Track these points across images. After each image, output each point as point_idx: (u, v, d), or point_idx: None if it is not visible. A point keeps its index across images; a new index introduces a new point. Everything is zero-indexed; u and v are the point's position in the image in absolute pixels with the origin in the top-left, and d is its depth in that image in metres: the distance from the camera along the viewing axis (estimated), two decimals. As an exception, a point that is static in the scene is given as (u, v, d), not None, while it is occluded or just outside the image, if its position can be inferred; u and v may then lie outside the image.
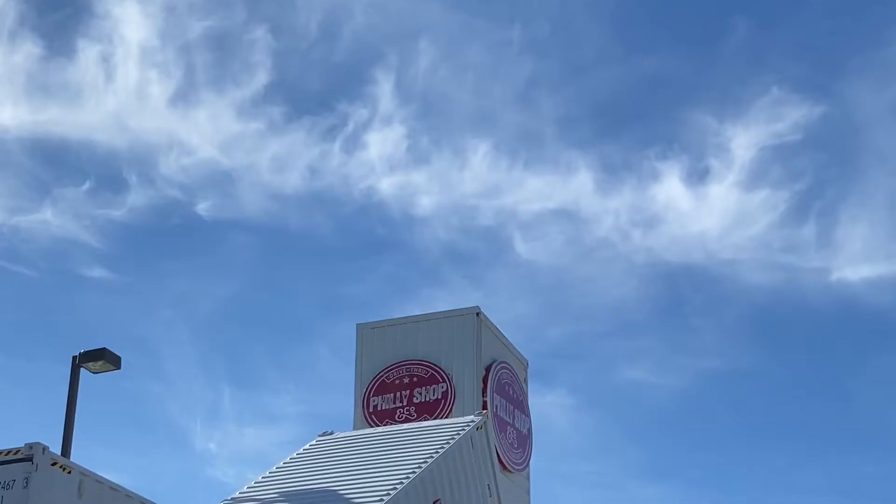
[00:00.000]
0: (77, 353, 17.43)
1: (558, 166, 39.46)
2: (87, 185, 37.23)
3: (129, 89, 35.83)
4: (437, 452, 15.62)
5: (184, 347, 40.14)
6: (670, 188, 37.88)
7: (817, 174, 38.95)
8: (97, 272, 39.01)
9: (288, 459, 17.16)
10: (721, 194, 38.05)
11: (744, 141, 37.30)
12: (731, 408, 40.78)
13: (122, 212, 37.13)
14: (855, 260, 38.19)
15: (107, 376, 17.60)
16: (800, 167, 38.84)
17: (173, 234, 39.72)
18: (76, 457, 16.27)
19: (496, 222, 39.45)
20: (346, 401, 20.37)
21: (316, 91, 40.06)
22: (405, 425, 18.56)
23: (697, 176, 38.82)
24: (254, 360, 42.14)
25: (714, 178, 38.54)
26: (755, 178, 38.35)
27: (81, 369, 17.19)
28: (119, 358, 17.37)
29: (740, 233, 38.96)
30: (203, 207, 38.11)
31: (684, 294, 40.84)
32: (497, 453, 18.05)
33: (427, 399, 19.66)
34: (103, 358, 17.07)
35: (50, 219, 35.99)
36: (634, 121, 41.02)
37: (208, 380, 41.08)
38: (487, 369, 19.70)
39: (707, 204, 38.44)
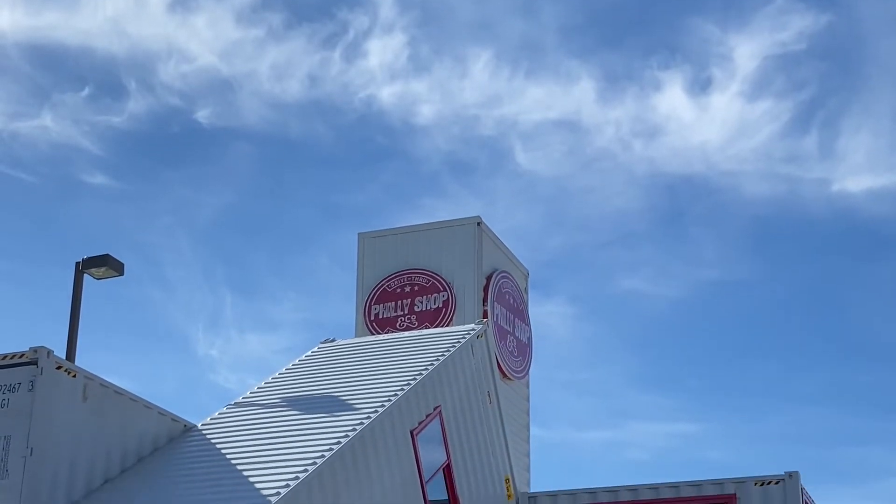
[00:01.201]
0: (80, 260, 17.53)
1: (559, 76, 39.24)
2: (86, 92, 37.05)
3: (127, -6, 35.50)
4: (437, 360, 15.77)
5: (184, 255, 40.27)
6: (672, 98, 37.72)
7: (821, 84, 38.75)
8: (98, 179, 38.99)
9: (290, 365, 17.33)
10: (723, 105, 37.90)
11: (747, 50, 37.06)
12: (729, 318, 41.04)
13: (122, 119, 37.00)
14: (856, 171, 38.18)
15: (109, 283, 17.71)
16: (803, 77, 38.63)
17: (173, 142, 39.64)
18: (80, 362, 16.42)
19: (497, 132, 39.34)
20: (346, 309, 20.52)
21: (316, -3, 39.69)
22: (406, 333, 18.71)
23: (700, 86, 38.63)
24: (254, 268, 42.30)
25: (717, 88, 38.36)
26: (758, 88, 38.17)
27: (84, 275, 17.28)
28: (122, 264, 17.45)
29: (742, 144, 38.88)
30: (203, 115, 37.98)
31: (684, 205, 40.88)
32: (497, 361, 18.22)
33: (428, 308, 19.78)
34: (106, 264, 17.16)
35: (49, 125, 35.88)
36: (637, 29, 40.66)
37: (209, 287, 41.25)
38: (488, 278, 19.80)
39: (709, 114, 38.31)
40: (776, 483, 16.09)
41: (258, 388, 16.32)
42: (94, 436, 13.06)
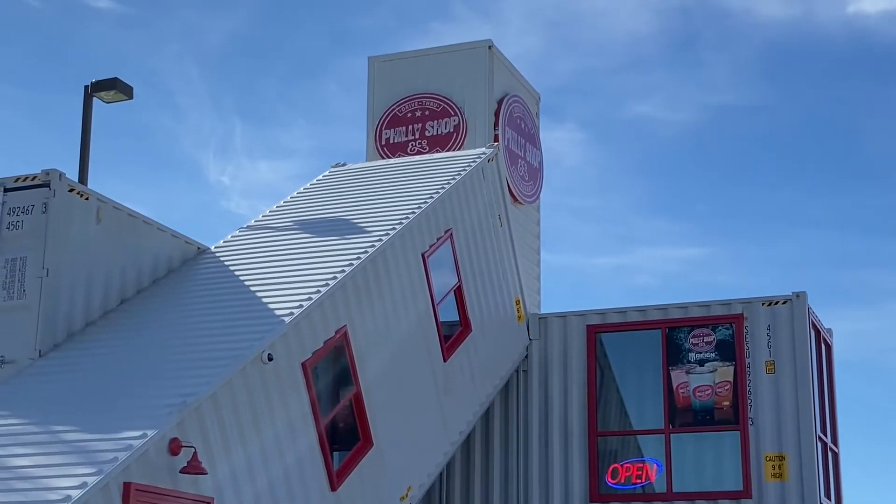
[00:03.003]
0: (89, 83, 17.43)
1: None
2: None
3: None
4: (448, 183, 15.79)
5: (193, 81, 39.98)
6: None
7: None
8: (103, 3, 38.46)
9: (301, 190, 17.38)
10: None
11: None
12: (741, 143, 40.81)
13: (127, -59, 36.27)
14: (873, -9, 37.42)
15: (119, 109, 17.66)
16: None
17: (180, -34, 38.92)
18: (92, 188, 16.48)
19: (507, -46, 38.53)
20: (357, 135, 20.43)
21: None
22: (417, 157, 18.69)
23: None
24: (263, 95, 42.03)
25: None
26: None
27: (94, 99, 17.22)
28: (131, 88, 17.37)
29: (757, -36, 38.04)
30: (210, -63, 37.18)
31: (698, 28, 40.22)
32: (508, 185, 18.24)
33: (439, 132, 19.70)
34: (115, 87, 17.07)
35: (54, -51, 35.19)
36: None
37: (219, 114, 41.08)
38: (499, 102, 19.65)
39: (726, -65, 37.39)
40: (783, 303, 16.27)
41: (270, 211, 16.40)
42: (108, 257, 13.20)
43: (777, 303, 16.28)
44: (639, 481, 16.38)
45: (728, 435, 16.15)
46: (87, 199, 12.98)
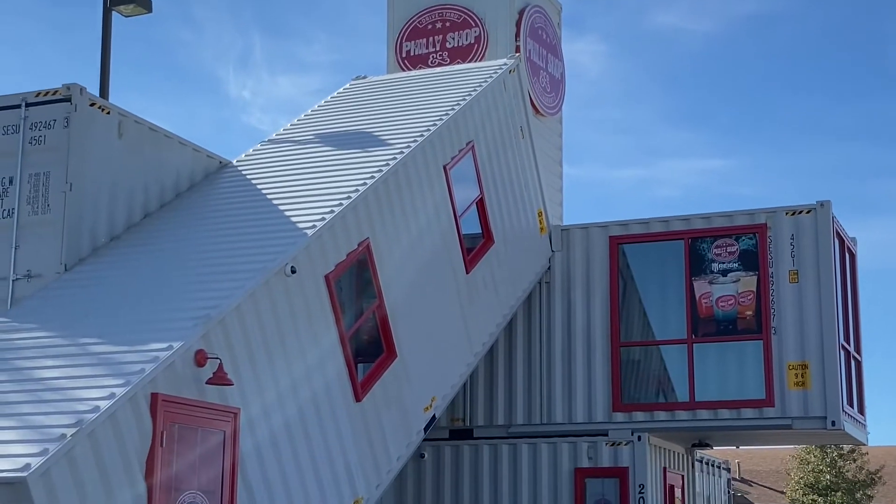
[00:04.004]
0: (107, -3, 17.31)
1: None
2: None
3: None
4: (469, 95, 15.70)
5: (213, -4, 39.67)
6: None
7: None
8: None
9: (323, 103, 17.33)
10: None
11: None
12: (764, 53, 40.41)
13: None
14: None
15: (138, 24, 17.54)
16: None
17: None
18: (113, 103, 16.45)
19: None
20: (378, 48, 20.36)
21: None
22: (438, 69, 18.58)
23: None
24: (282, 8, 41.75)
25: None
26: None
27: (113, 12, 17.12)
28: (149, 1, 17.25)
29: None
30: None
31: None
32: (530, 96, 18.11)
33: (460, 44, 19.52)
34: (134, 1, 16.97)
35: None
36: None
37: (238, 28, 40.87)
38: (520, 13, 19.44)
39: None
40: (807, 212, 16.20)
41: (291, 125, 16.38)
42: (131, 172, 13.23)
43: (801, 212, 16.22)
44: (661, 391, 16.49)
45: (751, 344, 16.20)
46: (108, 113, 12.97)
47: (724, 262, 16.43)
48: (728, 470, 21.72)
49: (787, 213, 16.28)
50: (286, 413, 11.10)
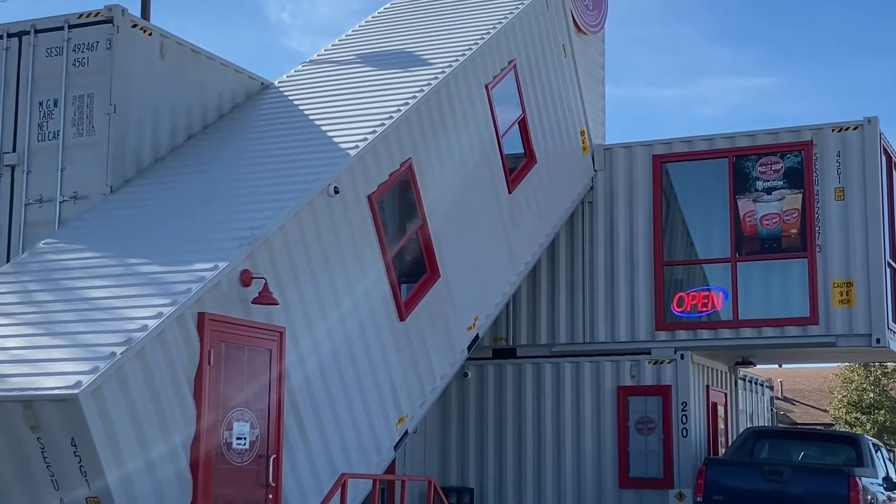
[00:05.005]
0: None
1: None
2: None
3: None
4: (511, 13, 15.55)
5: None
6: None
7: None
8: None
9: (364, 23, 17.23)
10: None
11: None
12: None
13: None
14: None
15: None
16: None
17: None
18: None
19: None
20: (418, -34, 20.05)
21: None
22: (479, -12, 18.36)
23: None
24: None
25: None
26: None
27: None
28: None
29: None
30: None
31: None
32: (572, 14, 17.92)
33: (501, -39, 19.29)
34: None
35: None
36: None
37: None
38: (562, -71, 19.18)
39: None
40: (854, 129, 16.01)
41: (332, 45, 16.31)
42: (174, 93, 13.26)
43: (847, 129, 16.02)
44: (705, 309, 16.46)
45: (795, 262, 16.12)
46: (150, 34, 12.97)
47: (768, 180, 16.30)
48: (771, 388, 21.75)
49: (833, 130, 16.09)
50: (331, 332, 11.21)
